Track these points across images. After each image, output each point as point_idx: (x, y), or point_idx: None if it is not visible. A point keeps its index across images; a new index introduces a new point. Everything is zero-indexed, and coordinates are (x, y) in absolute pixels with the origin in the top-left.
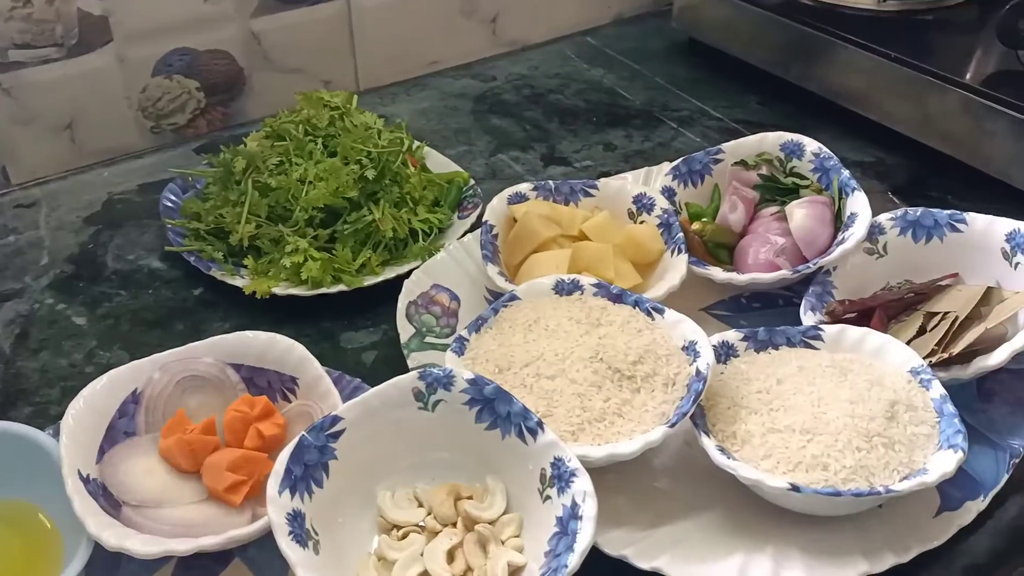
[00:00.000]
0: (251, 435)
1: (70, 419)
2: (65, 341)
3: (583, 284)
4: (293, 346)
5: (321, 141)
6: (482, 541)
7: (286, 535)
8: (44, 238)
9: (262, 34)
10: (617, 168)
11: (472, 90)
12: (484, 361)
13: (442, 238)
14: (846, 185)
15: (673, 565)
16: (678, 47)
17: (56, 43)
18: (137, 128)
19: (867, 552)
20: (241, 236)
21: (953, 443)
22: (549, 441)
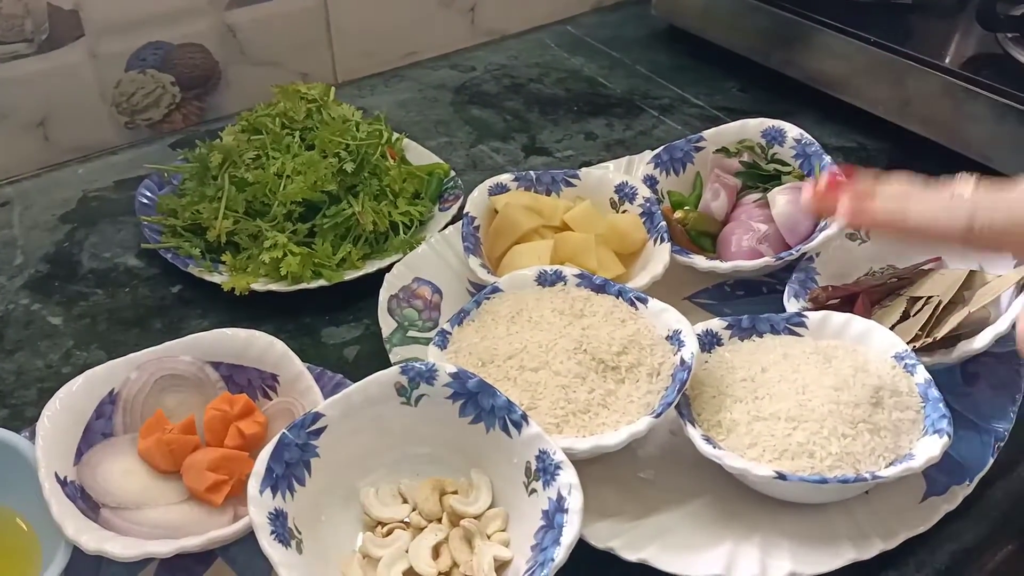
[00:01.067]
0: (231, 434)
1: (46, 421)
2: (41, 341)
3: (566, 275)
4: (273, 343)
5: (298, 134)
6: (468, 536)
7: (268, 535)
8: (18, 237)
9: (237, 27)
10: (598, 157)
11: (451, 81)
12: (467, 354)
13: (423, 231)
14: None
15: (660, 556)
16: (658, 35)
17: (26, 39)
18: (111, 124)
19: (854, 538)
20: (219, 232)
21: (938, 428)
22: (534, 434)
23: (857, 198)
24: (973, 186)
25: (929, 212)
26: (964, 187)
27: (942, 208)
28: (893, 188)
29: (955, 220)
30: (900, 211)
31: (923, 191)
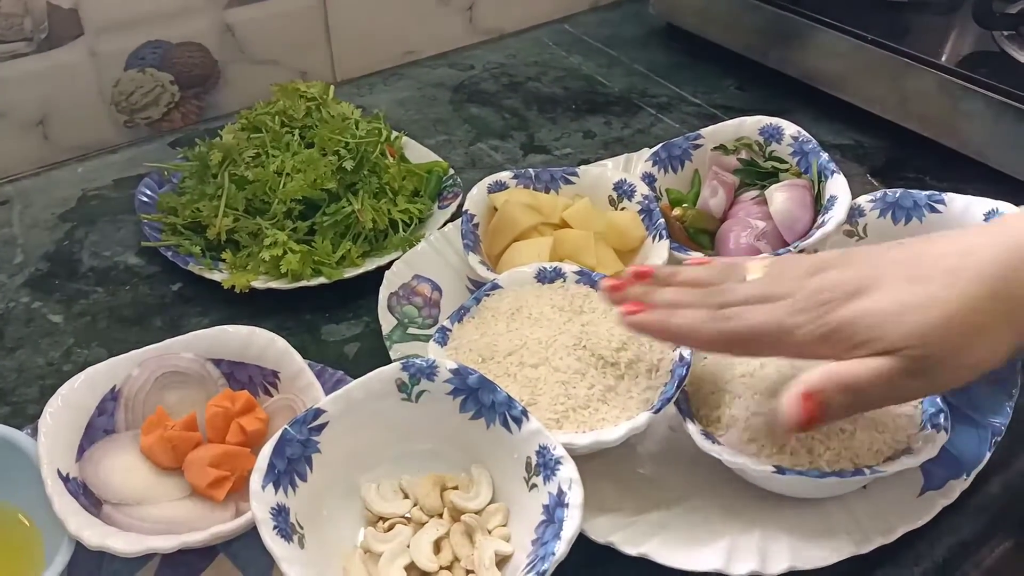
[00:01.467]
0: (233, 430)
1: (48, 418)
2: (42, 339)
3: (565, 272)
4: (274, 339)
5: (298, 132)
6: (468, 531)
7: (270, 530)
8: (18, 236)
9: (236, 25)
10: (597, 155)
11: (450, 79)
12: (467, 351)
13: (422, 228)
14: (825, 168)
15: (660, 550)
16: (656, 33)
17: (25, 38)
18: (110, 123)
19: (853, 533)
20: (219, 230)
21: (936, 423)
22: (534, 429)
23: (633, 304)
24: (759, 272)
25: (689, 322)
26: (750, 274)
27: (699, 320)
28: (668, 294)
29: (710, 330)
30: (665, 320)
31: (690, 301)
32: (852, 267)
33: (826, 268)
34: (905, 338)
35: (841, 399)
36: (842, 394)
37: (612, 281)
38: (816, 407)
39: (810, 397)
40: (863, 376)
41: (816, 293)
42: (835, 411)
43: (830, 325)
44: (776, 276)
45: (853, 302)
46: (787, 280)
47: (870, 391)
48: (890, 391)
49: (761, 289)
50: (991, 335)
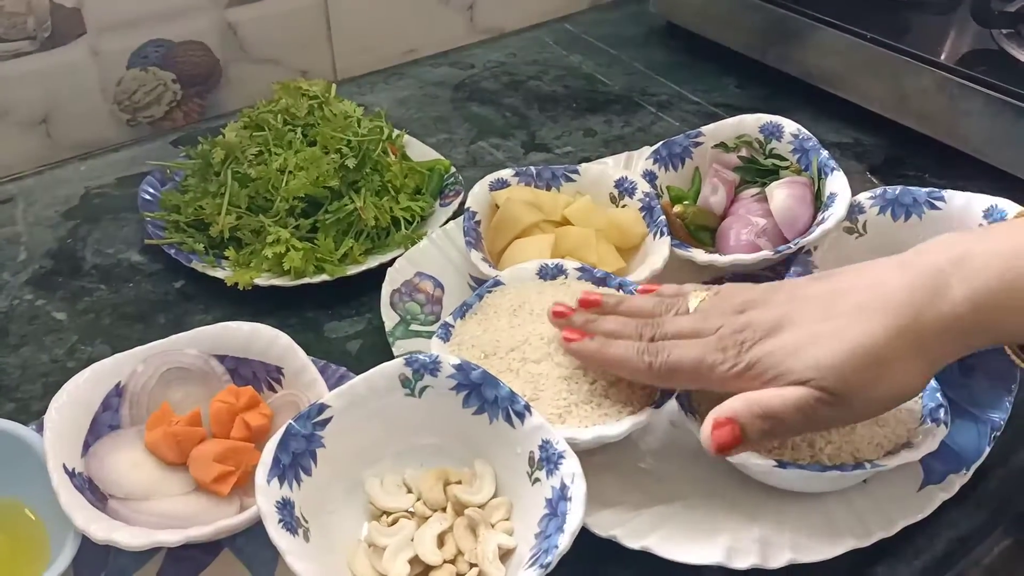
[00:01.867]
0: (237, 426)
1: (54, 413)
2: (46, 336)
3: (567, 268)
4: (278, 336)
5: (300, 130)
6: (472, 525)
7: (276, 523)
8: (21, 234)
9: (238, 24)
10: (597, 153)
11: (450, 78)
12: (470, 347)
13: (424, 226)
14: (825, 165)
15: (662, 544)
16: (656, 32)
17: (28, 36)
18: (113, 121)
19: (853, 527)
20: (222, 227)
21: (936, 417)
22: (537, 424)
23: (575, 331)
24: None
25: (622, 353)
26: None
27: (633, 352)
28: (608, 324)
29: (640, 362)
30: (601, 350)
31: (627, 332)
32: (772, 306)
33: (751, 306)
34: (809, 370)
35: (759, 424)
36: (759, 420)
37: (559, 307)
38: (731, 432)
39: (727, 423)
40: (776, 404)
41: (736, 332)
42: (752, 436)
43: (743, 362)
44: (707, 311)
45: (766, 340)
46: (715, 316)
47: (785, 418)
48: (806, 419)
49: (691, 324)
50: (900, 366)
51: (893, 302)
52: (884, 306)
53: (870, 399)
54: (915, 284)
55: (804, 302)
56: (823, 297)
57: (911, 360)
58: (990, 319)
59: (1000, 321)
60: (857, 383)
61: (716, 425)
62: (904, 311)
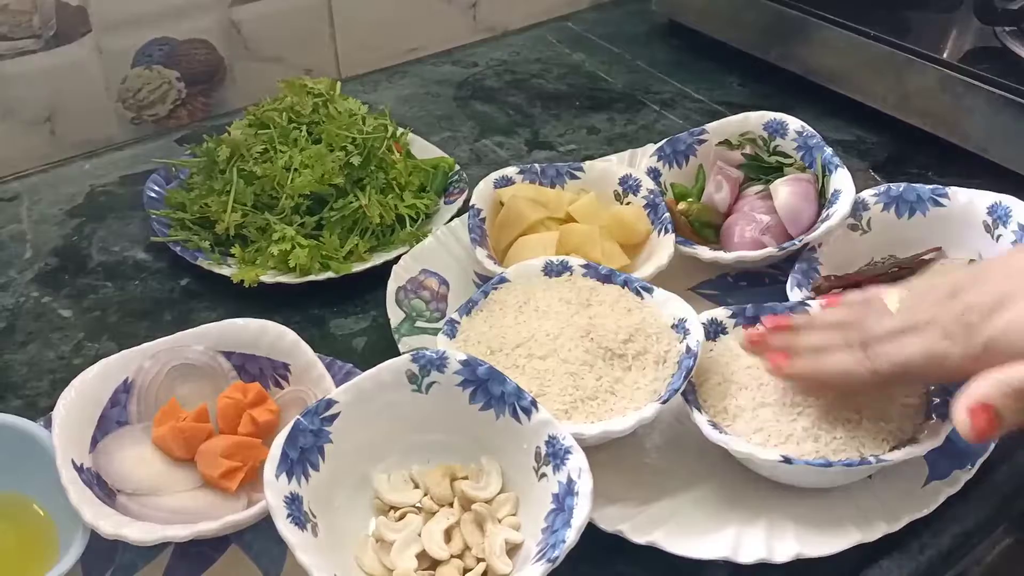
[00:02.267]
0: (244, 422)
1: (62, 409)
2: (52, 333)
3: (572, 265)
4: (284, 332)
5: (305, 128)
6: (479, 520)
7: (284, 518)
8: (27, 231)
9: (242, 23)
10: (601, 151)
11: (454, 76)
12: (476, 343)
13: (429, 223)
14: (829, 162)
15: (668, 539)
16: (658, 30)
17: (33, 34)
18: (117, 120)
19: (859, 522)
20: (227, 225)
21: (941, 412)
22: (543, 420)
23: (779, 354)
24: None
25: (840, 365)
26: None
27: (851, 362)
28: (813, 339)
29: (862, 371)
30: (817, 366)
31: (835, 343)
32: (987, 283)
33: (963, 289)
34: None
35: (1012, 404)
36: (1012, 400)
37: (753, 334)
38: (989, 418)
39: (982, 409)
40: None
41: (960, 316)
42: (1008, 417)
43: (979, 344)
44: (915, 305)
45: (995, 317)
46: (927, 307)
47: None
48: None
49: (902, 321)
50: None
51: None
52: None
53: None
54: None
55: (1021, 274)
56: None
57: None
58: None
59: None
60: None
61: (972, 413)
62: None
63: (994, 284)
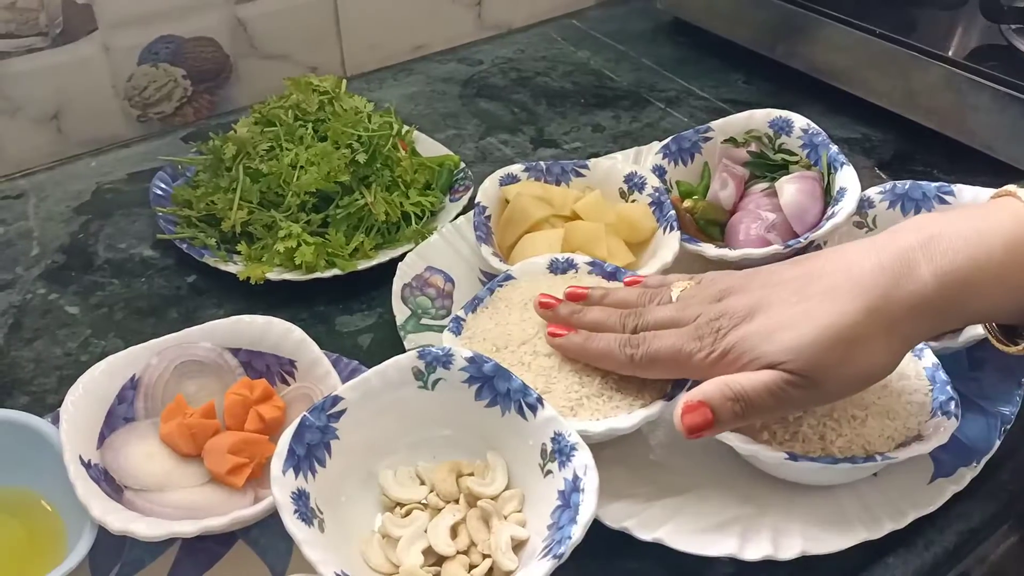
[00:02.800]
0: (251, 418)
1: (70, 405)
2: (59, 330)
3: (577, 263)
4: (291, 329)
5: (311, 126)
6: (485, 516)
7: (291, 513)
8: (33, 229)
9: (248, 21)
10: (606, 149)
11: (459, 74)
12: (481, 340)
13: (434, 221)
14: (835, 160)
15: (674, 536)
16: (663, 27)
17: (40, 32)
18: (124, 117)
19: (864, 519)
20: (233, 222)
21: (946, 410)
22: (549, 416)
23: (558, 326)
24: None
25: (604, 346)
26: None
27: (615, 345)
28: (592, 314)
29: (622, 355)
30: (584, 344)
31: (611, 323)
32: (748, 292)
33: (728, 294)
34: (780, 353)
35: (730, 407)
36: (730, 402)
37: (545, 298)
38: (703, 415)
39: (698, 406)
40: (748, 386)
41: (713, 320)
42: (724, 418)
43: (718, 350)
44: (687, 300)
45: (741, 326)
46: (694, 305)
47: (756, 400)
48: (777, 400)
49: (671, 314)
50: (871, 346)
51: (863, 283)
52: (854, 287)
53: (841, 379)
54: (885, 264)
55: (778, 287)
56: (797, 280)
57: (882, 339)
58: (957, 298)
59: (967, 300)
60: (827, 363)
61: (687, 409)
62: (874, 291)
63: (751, 294)
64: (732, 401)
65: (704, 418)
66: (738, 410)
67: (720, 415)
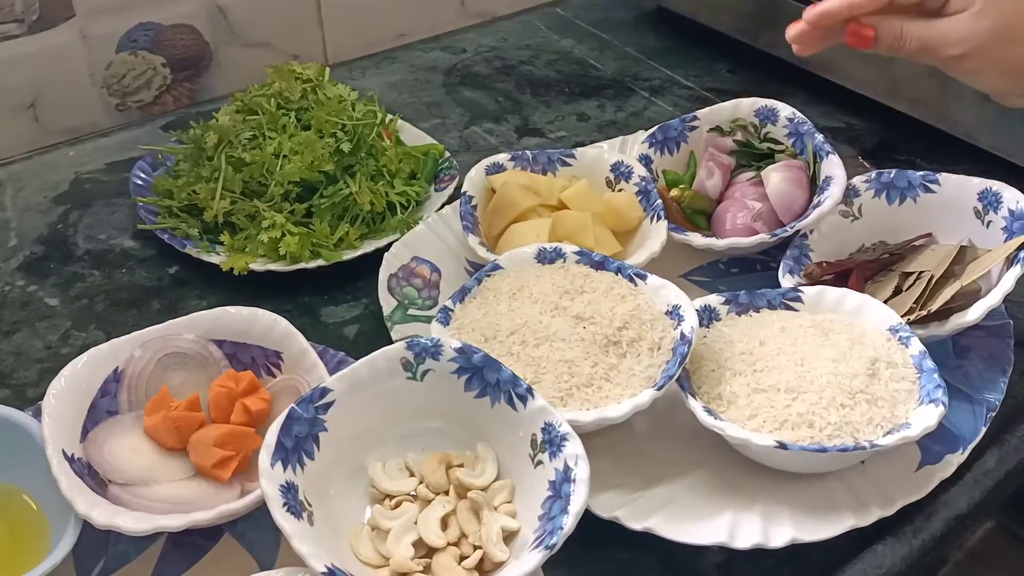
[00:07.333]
0: (237, 410)
1: (51, 399)
2: (39, 323)
3: (565, 252)
4: (276, 320)
5: (294, 114)
6: (475, 508)
7: (280, 507)
8: (11, 219)
9: (228, 7)
10: (591, 138)
11: (442, 63)
12: (470, 330)
13: (420, 211)
14: (820, 149)
15: (665, 525)
16: (647, 16)
17: (16, 19)
18: (102, 106)
19: (853, 506)
20: (216, 212)
21: (934, 398)
22: (539, 407)
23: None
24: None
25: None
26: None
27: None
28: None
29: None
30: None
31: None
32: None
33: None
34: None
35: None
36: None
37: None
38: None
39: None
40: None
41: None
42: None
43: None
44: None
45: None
46: None
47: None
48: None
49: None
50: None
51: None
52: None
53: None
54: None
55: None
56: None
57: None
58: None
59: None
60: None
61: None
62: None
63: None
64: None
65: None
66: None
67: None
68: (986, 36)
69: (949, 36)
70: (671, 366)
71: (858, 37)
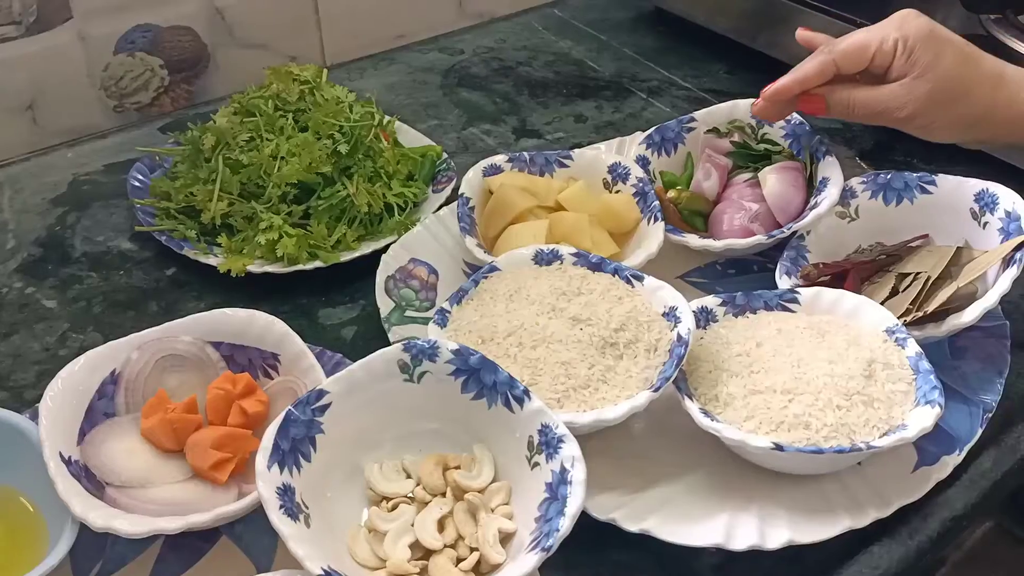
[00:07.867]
0: (234, 412)
1: (48, 401)
2: (37, 324)
3: (562, 254)
4: (273, 322)
5: (292, 116)
6: (472, 509)
7: (277, 509)
8: (9, 221)
9: (226, 9)
10: (589, 139)
11: (440, 64)
12: (467, 332)
13: (417, 212)
14: (817, 150)
15: (661, 526)
16: (644, 17)
17: (14, 21)
18: (100, 107)
19: (849, 508)
20: (213, 214)
21: (930, 399)
22: (536, 408)
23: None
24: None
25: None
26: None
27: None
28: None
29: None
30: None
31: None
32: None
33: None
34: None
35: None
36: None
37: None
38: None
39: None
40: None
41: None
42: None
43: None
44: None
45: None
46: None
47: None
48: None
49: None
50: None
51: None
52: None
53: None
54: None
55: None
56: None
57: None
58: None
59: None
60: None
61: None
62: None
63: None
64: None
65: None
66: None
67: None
68: (926, 99)
69: (892, 102)
70: (668, 368)
71: (811, 106)
